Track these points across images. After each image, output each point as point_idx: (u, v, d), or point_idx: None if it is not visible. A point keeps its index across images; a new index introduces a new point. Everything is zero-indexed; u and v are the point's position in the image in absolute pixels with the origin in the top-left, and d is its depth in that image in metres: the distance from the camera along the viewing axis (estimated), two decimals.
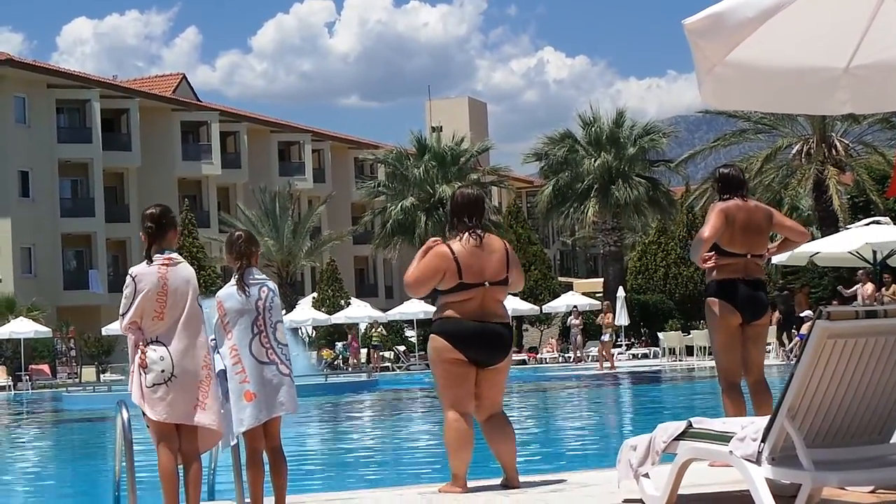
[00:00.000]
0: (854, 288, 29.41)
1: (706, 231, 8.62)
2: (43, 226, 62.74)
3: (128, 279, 6.87)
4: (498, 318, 8.19)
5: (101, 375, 51.07)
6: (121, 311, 6.88)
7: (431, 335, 8.24)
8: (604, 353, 38.86)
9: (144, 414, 6.86)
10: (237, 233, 7.49)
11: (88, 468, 15.40)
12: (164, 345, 6.80)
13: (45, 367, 50.76)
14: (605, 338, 38.80)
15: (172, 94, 74.51)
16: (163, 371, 6.76)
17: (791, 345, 34.18)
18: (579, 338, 46.58)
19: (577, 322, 45.94)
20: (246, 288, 7.13)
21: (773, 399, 8.60)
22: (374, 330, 50.61)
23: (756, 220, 8.83)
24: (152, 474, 7.12)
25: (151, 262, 6.93)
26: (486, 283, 8.10)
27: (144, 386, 6.75)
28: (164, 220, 7.07)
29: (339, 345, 51.97)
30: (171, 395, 6.76)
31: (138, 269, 6.91)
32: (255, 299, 7.14)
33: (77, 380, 48.92)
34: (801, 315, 31.73)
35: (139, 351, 6.79)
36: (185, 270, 6.98)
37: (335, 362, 50.09)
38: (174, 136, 71.19)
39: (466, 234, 8.15)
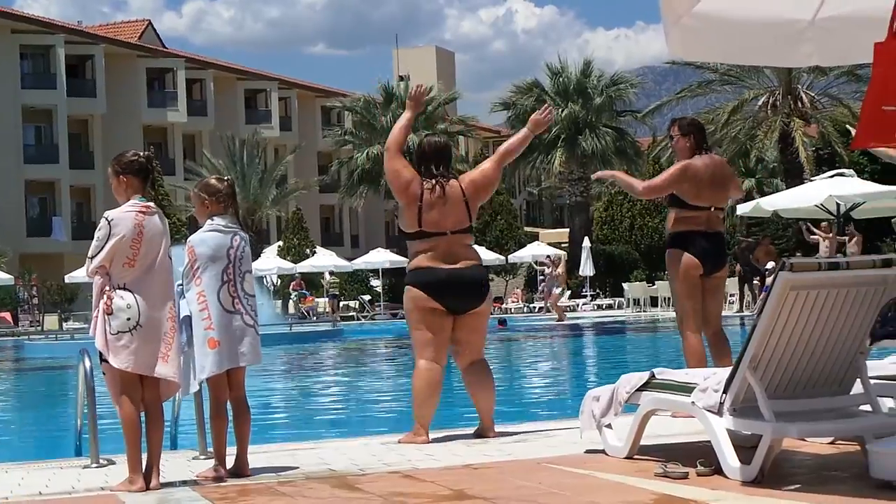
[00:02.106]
0: (817, 236, 29.48)
1: (649, 182, 8.98)
2: (6, 172, 62.24)
3: (102, 221, 6.78)
4: (469, 263, 8.19)
5: (64, 324, 50.83)
6: (89, 254, 6.77)
7: (407, 286, 8.26)
8: (553, 305, 38.90)
9: (103, 361, 6.81)
10: (224, 178, 7.44)
11: (50, 416, 15.34)
12: (132, 292, 6.74)
13: (7, 315, 50.49)
14: (557, 290, 38.81)
15: (138, 40, 73.91)
16: (128, 319, 6.70)
17: (760, 301, 34.32)
18: (555, 290, 46.52)
19: (549, 271, 45.90)
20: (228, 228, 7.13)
21: (731, 350, 8.67)
22: (332, 278, 50.70)
23: (721, 174, 8.93)
24: (114, 422, 7.10)
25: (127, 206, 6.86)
26: (448, 232, 8.12)
27: (108, 332, 6.69)
28: (150, 165, 7.02)
29: (293, 294, 51.78)
30: (135, 345, 6.71)
31: (115, 213, 6.82)
32: (227, 247, 7.10)
33: (39, 328, 48.70)
34: (766, 268, 31.87)
35: (105, 296, 6.72)
36: (161, 220, 6.93)
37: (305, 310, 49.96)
38: (140, 82, 70.70)
39: (434, 182, 8.15)
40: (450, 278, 8.07)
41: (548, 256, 47.75)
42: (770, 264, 31.17)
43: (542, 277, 46.49)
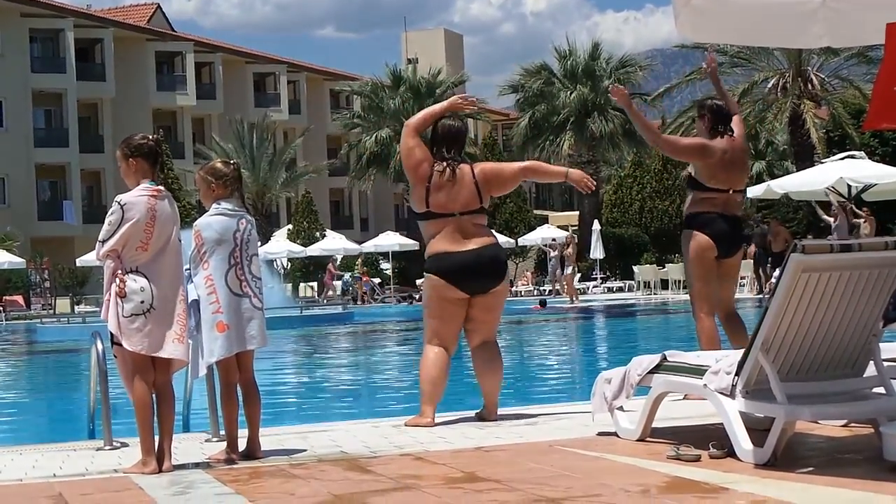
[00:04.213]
0: (830, 218, 29.36)
1: (675, 138, 8.86)
2: (17, 156, 62.29)
3: (115, 206, 6.78)
4: (484, 242, 8.19)
5: (76, 307, 50.91)
6: (101, 238, 6.77)
7: (427, 274, 8.26)
8: (566, 285, 38.97)
9: (114, 344, 6.82)
10: (230, 161, 7.43)
11: (63, 399, 15.38)
12: (145, 276, 6.75)
13: (20, 299, 50.57)
14: (569, 270, 38.88)
15: (147, 23, 73.83)
16: (142, 302, 6.71)
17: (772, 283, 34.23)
18: (559, 271, 46.53)
19: (555, 253, 45.90)
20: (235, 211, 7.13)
21: (746, 331, 8.65)
22: (357, 261, 50.80)
23: (739, 157, 8.91)
24: (127, 404, 7.11)
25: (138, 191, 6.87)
26: (457, 213, 8.13)
27: (121, 315, 6.70)
28: (159, 148, 7.02)
29: (346, 275, 51.80)
30: (149, 327, 6.72)
31: (128, 197, 6.81)
32: (234, 230, 7.10)
33: (51, 311, 48.77)
34: (780, 251, 31.74)
35: (117, 279, 6.72)
36: (171, 204, 6.94)
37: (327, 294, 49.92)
38: (149, 66, 70.67)
39: (445, 164, 8.15)
40: (468, 261, 8.07)
41: (553, 239, 47.74)
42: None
43: (550, 260, 46.42)
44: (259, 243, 7.39)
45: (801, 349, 5.99)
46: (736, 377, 6.14)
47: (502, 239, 50.99)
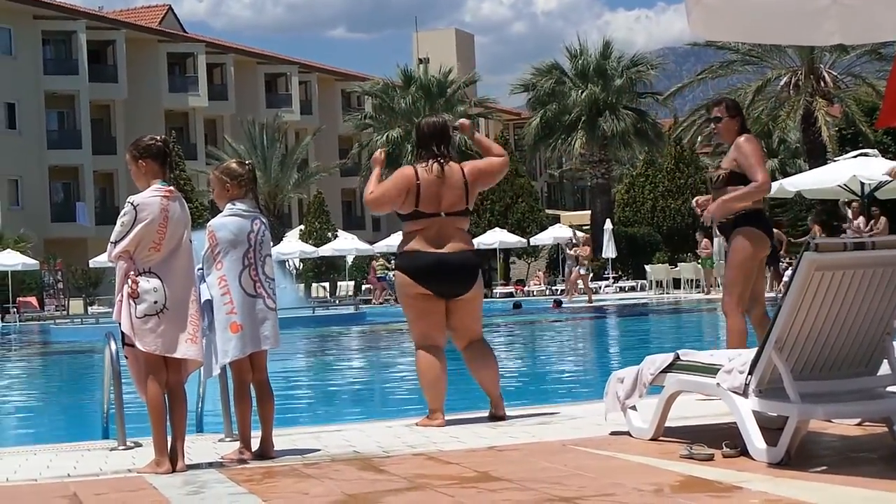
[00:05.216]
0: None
1: (761, 174, 8.38)
2: (30, 158, 62.42)
3: (127, 206, 6.79)
4: (458, 247, 8.16)
5: (89, 308, 50.98)
6: (113, 239, 6.78)
7: (395, 271, 8.30)
8: (575, 284, 39.04)
9: (125, 345, 6.83)
10: (245, 162, 7.45)
11: (77, 399, 15.41)
12: (158, 276, 6.76)
13: (33, 300, 50.66)
14: (583, 270, 38.93)
15: (158, 25, 73.94)
16: (155, 302, 6.72)
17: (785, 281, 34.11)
18: (580, 269, 46.38)
19: (571, 253, 45.81)
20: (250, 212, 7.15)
21: None
22: (377, 262, 50.84)
23: None
24: (140, 405, 7.12)
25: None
26: (443, 213, 8.13)
27: (134, 316, 6.71)
28: (168, 149, 7.04)
29: (390, 274, 51.70)
30: (163, 327, 6.74)
31: (141, 198, 6.82)
32: (248, 231, 7.12)
33: (65, 312, 48.85)
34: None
35: (129, 280, 6.73)
36: (183, 205, 6.95)
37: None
38: (160, 67, 70.75)
39: (432, 160, 8.17)
40: (436, 264, 8.05)
41: (570, 238, 47.57)
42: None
43: (567, 259, 46.38)
44: (272, 244, 7.40)
45: (814, 347, 5.97)
46: (749, 376, 6.13)
47: (514, 238, 51.10)
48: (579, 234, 48.23)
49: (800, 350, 5.95)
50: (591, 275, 43.16)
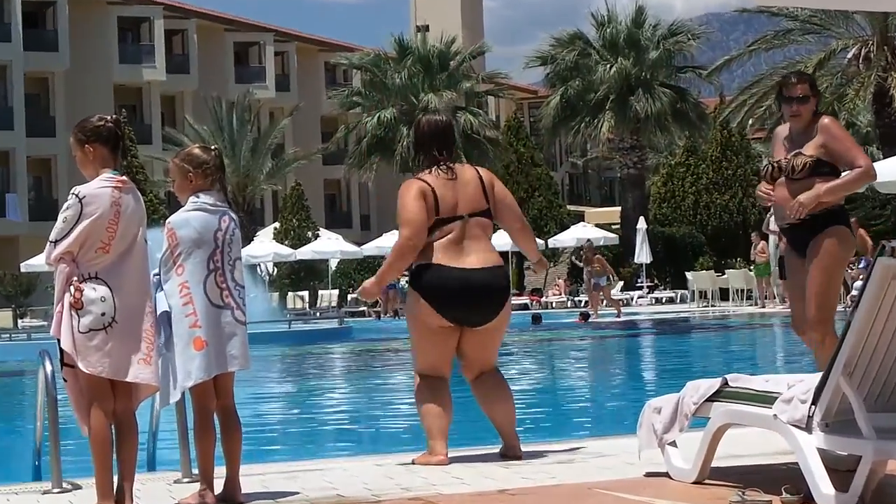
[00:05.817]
0: None
1: (863, 158, 8.35)
2: None
3: (72, 199, 6.75)
4: (484, 260, 8.19)
5: (19, 320, 51.03)
6: (52, 237, 6.76)
7: (410, 289, 8.31)
8: (597, 298, 39.08)
9: (65, 366, 6.79)
10: (211, 147, 7.43)
11: (4, 431, 15.39)
12: (105, 283, 6.72)
13: None
14: (603, 282, 38.81)
15: None
16: (103, 314, 6.68)
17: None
18: (600, 282, 46.37)
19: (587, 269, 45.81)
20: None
21: None
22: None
23: None
24: (81, 439, 7.09)
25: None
26: (465, 215, 8.14)
27: (77, 331, 6.67)
28: (120, 131, 7.01)
29: (402, 281, 51.73)
30: (110, 345, 6.70)
31: (87, 189, 6.79)
32: (214, 229, 7.08)
33: None
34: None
35: (71, 287, 6.69)
36: (137, 198, 6.92)
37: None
38: (110, 34, 70.95)
39: (436, 167, 8.23)
40: (460, 287, 8.05)
41: (588, 241, 47.48)
42: None
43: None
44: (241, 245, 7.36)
45: (892, 372, 5.93)
46: (813, 406, 6.09)
47: None
48: (603, 233, 48.30)
49: (874, 375, 5.91)
50: (614, 285, 43.10)
